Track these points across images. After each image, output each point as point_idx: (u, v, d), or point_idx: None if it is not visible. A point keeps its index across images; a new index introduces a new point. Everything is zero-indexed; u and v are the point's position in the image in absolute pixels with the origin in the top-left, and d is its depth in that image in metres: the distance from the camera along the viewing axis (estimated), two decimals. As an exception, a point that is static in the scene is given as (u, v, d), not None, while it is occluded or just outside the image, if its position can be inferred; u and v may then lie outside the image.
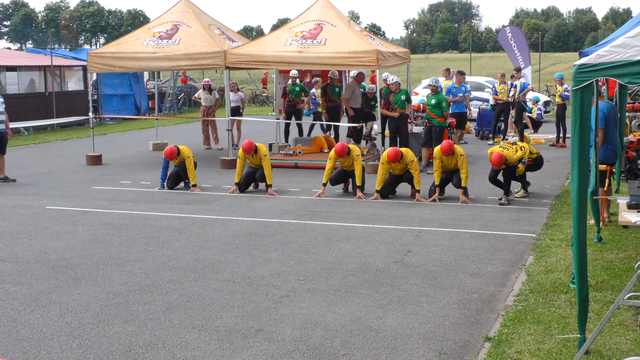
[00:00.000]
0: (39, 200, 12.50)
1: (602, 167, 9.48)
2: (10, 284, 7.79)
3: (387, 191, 12.44)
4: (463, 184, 11.87)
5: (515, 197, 12.30)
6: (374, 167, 15.29)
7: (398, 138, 15.97)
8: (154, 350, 5.98)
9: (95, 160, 16.97)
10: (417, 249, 9.09)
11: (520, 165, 12.05)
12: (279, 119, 19.67)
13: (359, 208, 11.49)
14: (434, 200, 11.99)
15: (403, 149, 12.36)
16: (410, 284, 7.67)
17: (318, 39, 16.04)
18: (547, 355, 5.64)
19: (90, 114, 19.07)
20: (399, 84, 16.12)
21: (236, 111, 19.70)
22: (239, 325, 6.53)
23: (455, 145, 12.02)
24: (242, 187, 13.16)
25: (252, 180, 13.30)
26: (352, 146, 12.64)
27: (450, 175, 12.21)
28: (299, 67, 17.39)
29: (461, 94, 18.45)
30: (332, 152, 12.40)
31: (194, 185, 13.20)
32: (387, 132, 17.13)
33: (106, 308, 7.01)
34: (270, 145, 18.48)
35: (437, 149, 12.08)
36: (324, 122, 19.27)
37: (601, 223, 9.38)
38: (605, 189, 9.73)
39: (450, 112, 17.04)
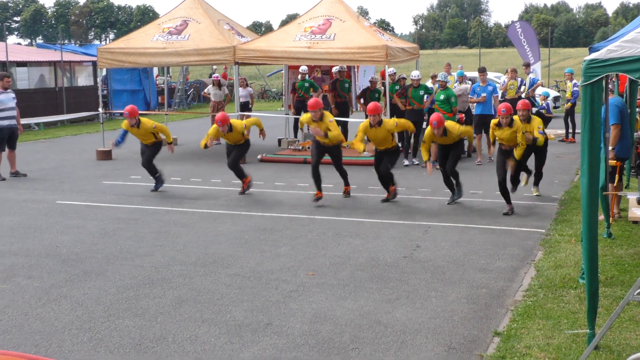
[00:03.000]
0: (49, 195, 12.55)
1: (613, 162, 9.45)
2: (22, 277, 7.84)
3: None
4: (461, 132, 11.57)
5: (533, 195, 12.03)
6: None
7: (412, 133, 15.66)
8: (164, 343, 6.00)
9: (105, 155, 17.01)
10: (426, 244, 9.09)
11: (539, 136, 10.95)
12: (288, 114, 19.68)
13: (367, 203, 11.49)
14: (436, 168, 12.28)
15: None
16: (419, 279, 7.67)
17: (327, 34, 16.03)
18: (557, 351, 5.64)
19: (100, 109, 19.20)
20: (419, 79, 16.01)
21: (245, 106, 19.74)
22: (248, 319, 6.54)
23: (452, 124, 11.58)
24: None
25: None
26: (326, 112, 11.86)
27: (448, 151, 11.54)
28: (308, 62, 17.39)
29: (484, 94, 15.94)
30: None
31: (170, 144, 12.98)
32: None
33: (116, 302, 7.04)
34: (279, 141, 18.50)
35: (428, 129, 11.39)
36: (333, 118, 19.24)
37: (611, 219, 9.36)
38: (615, 184, 9.70)
39: (476, 112, 16.44)
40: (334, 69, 18.54)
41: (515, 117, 10.94)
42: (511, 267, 8.13)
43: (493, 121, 11.03)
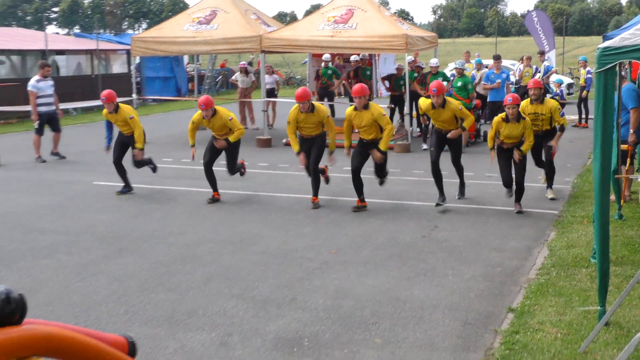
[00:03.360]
0: (87, 176, 12.67)
1: (624, 147, 9.36)
2: (62, 253, 7.95)
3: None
4: (465, 125, 9.99)
5: (547, 197, 10.46)
6: (403, 147, 15.25)
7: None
8: (195, 316, 6.07)
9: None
10: (443, 225, 9.08)
11: (562, 119, 10.14)
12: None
13: (387, 185, 11.48)
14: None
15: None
16: (437, 258, 7.67)
17: (349, 23, 15.95)
18: (568, 326, 5.62)
19: (133, 95, 19.30)
20: (438, 67, 15.92)
21: (271, 93, 19.72)
22: (274, 294, 6.59)
23: (452, 100, 10.24)
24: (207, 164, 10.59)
25: (216, 155, 10.66)
26: (318, 104, 10.31)
27: (446, 140, 10.08)
28: (331, 50, 17.33)
29: (499, 80, 16.28)
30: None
31: (141, 150, 11.18)
32: (414, 113, 17.02)
33: (150, 277, 7.12)
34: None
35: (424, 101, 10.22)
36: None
37: (622, 201, 9.27)
38: (627, 168, 9.60)
39: (489, 99, 16.31)
40: (352, 58, 18.46)
41: (525, 102, 10.04)
42: (525, 247, 8.10)
43: (496, 118, 9.59)
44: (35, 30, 42.38)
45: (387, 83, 17.56)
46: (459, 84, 15.21)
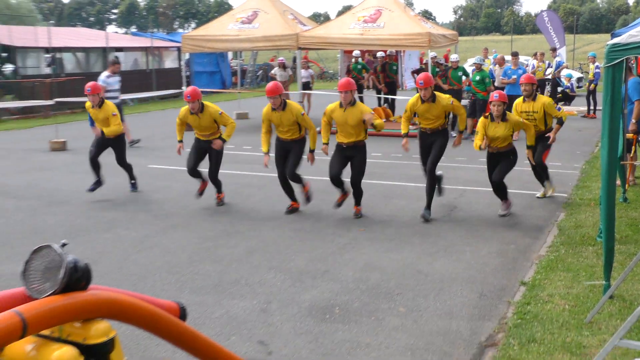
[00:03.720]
0: (142, 160, 12.80)
1: (629, 135, 9.18)
2: (121, 228, 8.06)
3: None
4: (460, 128, 8.56)
5: (537, 196, 9.39)
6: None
7: None
8: (238, 285, 6.12)
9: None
10: (461, 206, 9.01)
11: (559, 113, 8.85)
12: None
13: (411, 170, 11.42)
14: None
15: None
16: (456, 235, 7.62)
17: (377, 22, 15.84)
18: (575, 299, 5.56)
19: (183, 87, 19.38)
20: (458, 62, 15.78)
21: (306, 86, 19.69)
22: (308, 267, 6.61)
23: (442, 95, 8.36)
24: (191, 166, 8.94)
25: (202, 156, 8.98)
26: (291, 102, 8.40)
27: (432, 138, 8.29)
28: (361, 47, 17.22)
29: (515, 76, 15.42)
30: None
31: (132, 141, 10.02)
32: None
33: (198, 250, 7.19)
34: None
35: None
36: (382, 96, 19.10)
37: (627, 185, 9.11)
38: (631, 155, 9.42)
39: (506, 93, 16.03)
40: (378, 54, 18.32)
41: (518, 100, 8.85)
42: (537, 227, 8.01)
43: (481, 118, 8.25)
44: (97, 29, 42.77)
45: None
46: (477, 77, 15.01)
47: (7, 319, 2.66)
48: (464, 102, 16.90)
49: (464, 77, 15.59)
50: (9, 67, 22.68)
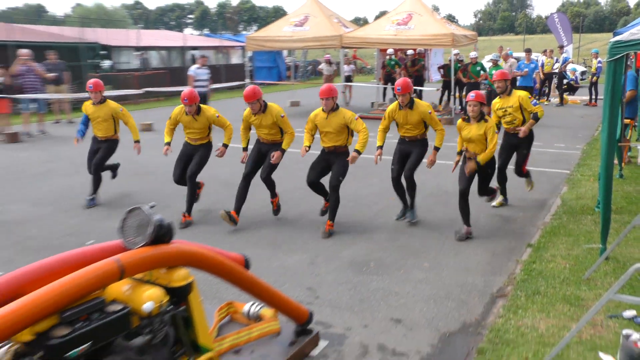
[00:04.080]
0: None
1: (627, 121, 8.86)
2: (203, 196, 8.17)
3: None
4: (437, 144, 6.52)
5: (493, 205, 7.49)
6: (447, 120, 14.87)
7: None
8: (291, 242, 6.18)
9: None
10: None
11: (534, 107, 6.98)
12: (378, 85, 19.38)
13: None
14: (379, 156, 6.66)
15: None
16: (472, 204, 7.43)
17: (408, 25, 15.55)
18: (575, 259, 5.44)
19: (247, 80, 19.46)
20: (476, 58, 15.47)
21: (348, 79, 19.54)
22: (349, 228, 6.63)
23: (419, 100, 6.60)
24: (177, 174, 7.12)
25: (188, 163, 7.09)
26: (271, 103, 6.76)
27: (409, 148, 6.72)
28: (394, 46, 16.92)
29: (527, 69, 15.24)
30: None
31: (137, 141, 7.78)
32: (457, 94, 16.59)
33: (259, 213, 7.27)
34: (372, 104, 18.28)
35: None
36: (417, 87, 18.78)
37: (623, 163, 8.81)
38: (628, 137, 9.10)
39: (518, 84, 15.69)
40: (408, 52, 18.04)
41: (495, 100, 7.26)
42: (542, 198, 7.83)
43: (459, 120, 6.40)
44: (176, 31, 43.15)
45: (441, 71, 17.14)
46: (494, 72, 14.64)
47: (108, 265, 2.76)
48: (481, 92, 16.55)
49: (481, 72, 15.27)
50: (107, 63, 23.15)
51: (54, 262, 2.85)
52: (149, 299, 2.84)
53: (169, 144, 7.06)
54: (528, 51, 16.21)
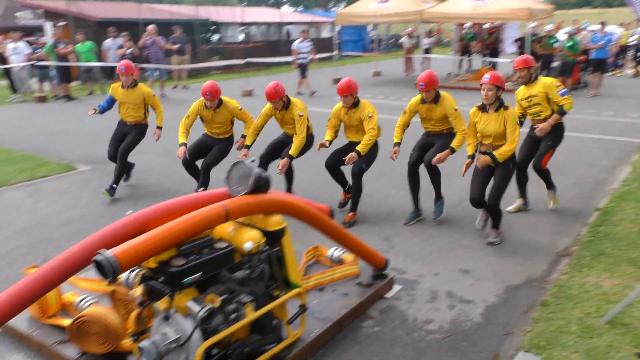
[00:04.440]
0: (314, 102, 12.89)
1: None
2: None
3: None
4: (453, 144, 5.02)
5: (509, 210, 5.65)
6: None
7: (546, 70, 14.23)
8: (370, 197, 6.10)
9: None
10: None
11: (562, 99, 5.13)
12: (455, 56, 18.49)
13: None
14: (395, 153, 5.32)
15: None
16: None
17: (486, 0, 14.58)
18: (643, 224, 4.99)
19: (335, 51, 19.23)
20: (552, 30, 14.34)
21: (427, 51, 18.78)
22: (423, 187, 6.43)
23: (445, 95, 5.13)
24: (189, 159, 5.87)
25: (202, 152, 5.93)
26: (294, 99, 5.75)
27: (433, 140, 5.30)
28: (472, 20, 16.00)
29: (602, 42, 13.90)
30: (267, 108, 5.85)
31: (159, 127, 6.44)
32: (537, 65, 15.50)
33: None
34: (448, 74, 17.52)
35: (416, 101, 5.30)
36: (487, 59, 17.75)
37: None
38: None
39: (593, 56, 14.31)
40: (484, 26, 16.98)
41: (520, 88, 5.34)
42: (612, 165, 7.22)
43: (472, 108, 4.74)
44: (274, 8, 43.21)
45: (518, 42, 16.08)
46: (569, 44, 13.52)
47: (216, 209, 2.85)
48: (555, 64, 15.37)
49: (555, 44, 14.13)
50: (216, 36, 23.70)
51: (172, 204, 2.98)
52: (249, 239, 2.92)
53: (184, 144, 5.71)
54: (602, 24, 15.12)
